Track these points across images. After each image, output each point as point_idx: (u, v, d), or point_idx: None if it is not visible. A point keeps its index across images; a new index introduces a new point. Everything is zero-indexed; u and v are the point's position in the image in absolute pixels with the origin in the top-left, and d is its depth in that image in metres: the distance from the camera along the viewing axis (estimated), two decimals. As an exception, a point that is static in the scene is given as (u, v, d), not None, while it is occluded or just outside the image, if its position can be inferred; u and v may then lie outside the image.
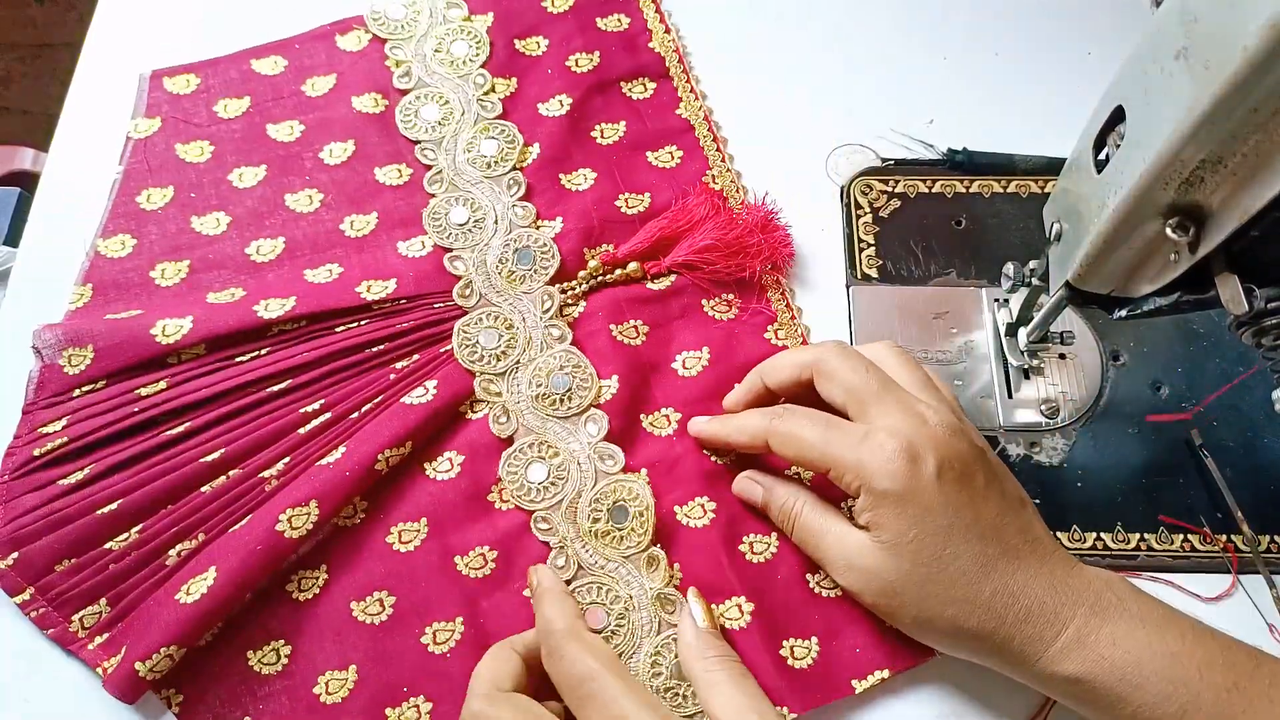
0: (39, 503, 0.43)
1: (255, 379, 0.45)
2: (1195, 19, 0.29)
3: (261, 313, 0.46)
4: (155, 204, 0.50)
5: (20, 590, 0.41)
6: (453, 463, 0.45)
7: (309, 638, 0.42)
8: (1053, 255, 0.41)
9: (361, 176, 0.52)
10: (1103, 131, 0.36)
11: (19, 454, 0.44)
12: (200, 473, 0.43)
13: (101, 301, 0.48)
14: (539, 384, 0.46)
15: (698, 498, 0.44)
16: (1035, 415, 0.47)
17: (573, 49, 0.56)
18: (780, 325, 0.49)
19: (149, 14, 0.57)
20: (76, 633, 0.41)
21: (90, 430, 0.44)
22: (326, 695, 0.40)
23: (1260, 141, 0.29)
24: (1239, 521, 0.44)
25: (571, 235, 0.50)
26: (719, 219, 0.50)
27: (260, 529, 0.41)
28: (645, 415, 0.46)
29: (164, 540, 0.42)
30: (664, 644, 0.41)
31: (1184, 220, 0.32)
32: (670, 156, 0.54)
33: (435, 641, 0.41)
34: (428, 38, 0.56)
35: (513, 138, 0.53)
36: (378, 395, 0.45)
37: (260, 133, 0.53)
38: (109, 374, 0.45)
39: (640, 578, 0.42)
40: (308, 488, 0.42)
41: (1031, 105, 0.55)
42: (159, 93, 0.53)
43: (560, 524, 0.44)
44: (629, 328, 0.48)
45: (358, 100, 0.54)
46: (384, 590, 0.42)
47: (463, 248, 0.49)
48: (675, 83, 0.56)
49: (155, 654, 0.38)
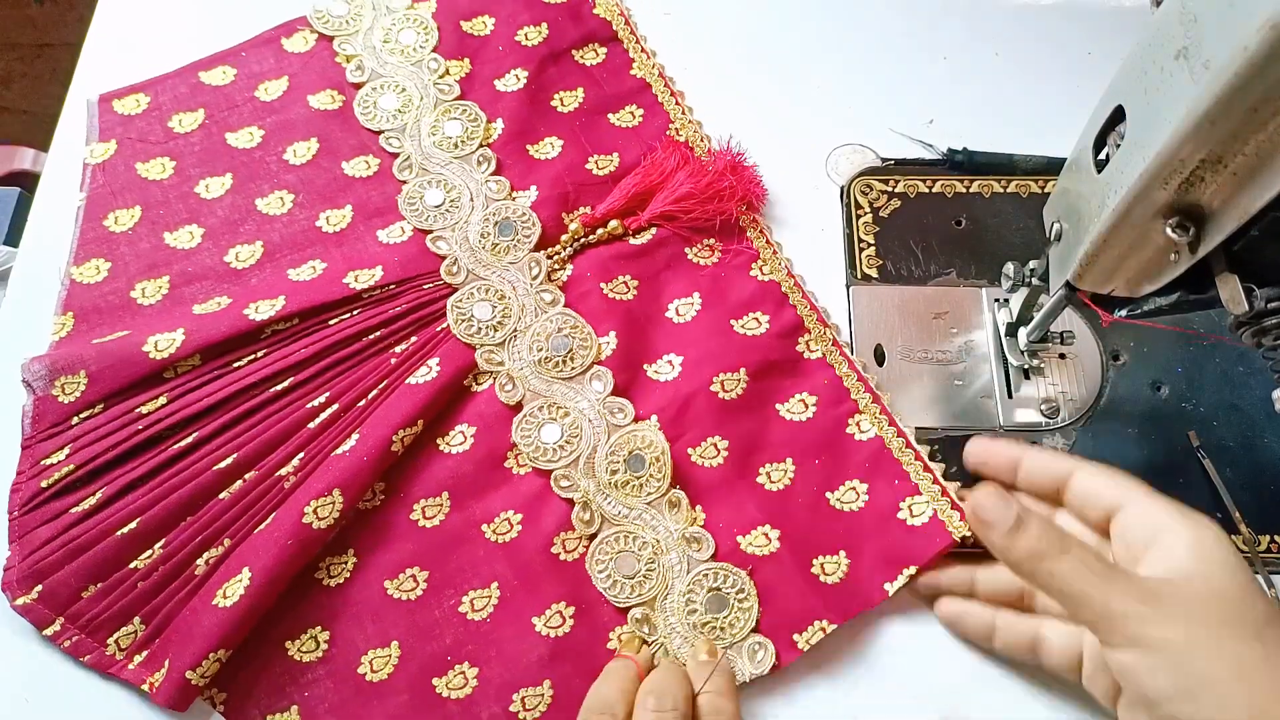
0: (54, 533, 0.42)
1: (256, 381, 0.45)
2: (1195, 19, 0.29)
3: (252, 315, 0.46)
4: (124, 225, 0.50)
5: (49, 622, 0.41)
6: (465, 435, 0.45)
7: (346, 621, 0.42)
8: (1053, 255, 0.41)
9: (330, 173, 0.52)
10: (1103, 131, 0.36)
11: (26, 488, 0.43)
12: (215, 480, 0.43)
13: (85, 328, 0.47)
14: (539, 348, 0.47)
15: (710, 437, 0.45)
16: (1035, 415, 0.47)
17: (520, 24, 0.56)
18: (764, 261, 0.50)
19: (149, 14, 0.57)
20: (114, 655, 0.41)
21: (96, 455, 0.43)
22: (371, 674, 0.41)
23: (1260, 141, 0.28)
24: (1238, 521, 0.44)
25: (548, 202, 0.51)
26: (689, 168, 0.51)
27: (288, 524, 0.41)
28: (648, 365, 0.47)
29: (190, 551, 0.42)
30: (695, 582, 0.42)
31: (1184, 220, 0.32)
32: (632, 116, 0.54)
33: (474, 609, 0.42)
34: (374, 30, 0.56)
35: (475, 116, 0.53)
36: (382, 380, 0.46)
37: (220, 142, 0.52)
38: (106, 396, 0.44)
39: (664, 520, 0.43)
40: (328, 478, 0.42)
41: (1031, 105, 0.55)
42: (109, 116, 0.53)
43: (580, 479, 0.44)
44: (619, 284, 0.49)
45: (314, 99, 0.53)
46: (415, 566, 0.43)
47: (443, 228, 0.50)
48: (625, 44, 0.56)
49: (204, 660, 0.38)
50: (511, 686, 0.41)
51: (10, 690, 0.41)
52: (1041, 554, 0.35)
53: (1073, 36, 0.58)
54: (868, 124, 0.55)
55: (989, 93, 0.56)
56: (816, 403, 0.46)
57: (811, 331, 0.48)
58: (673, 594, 0.42)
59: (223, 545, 0.42)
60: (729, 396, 0.46)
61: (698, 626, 0.41)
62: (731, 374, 0.46)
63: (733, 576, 0.42)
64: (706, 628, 0.41)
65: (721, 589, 0.42)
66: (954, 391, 0.48)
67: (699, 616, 0.41)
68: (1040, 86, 0.56)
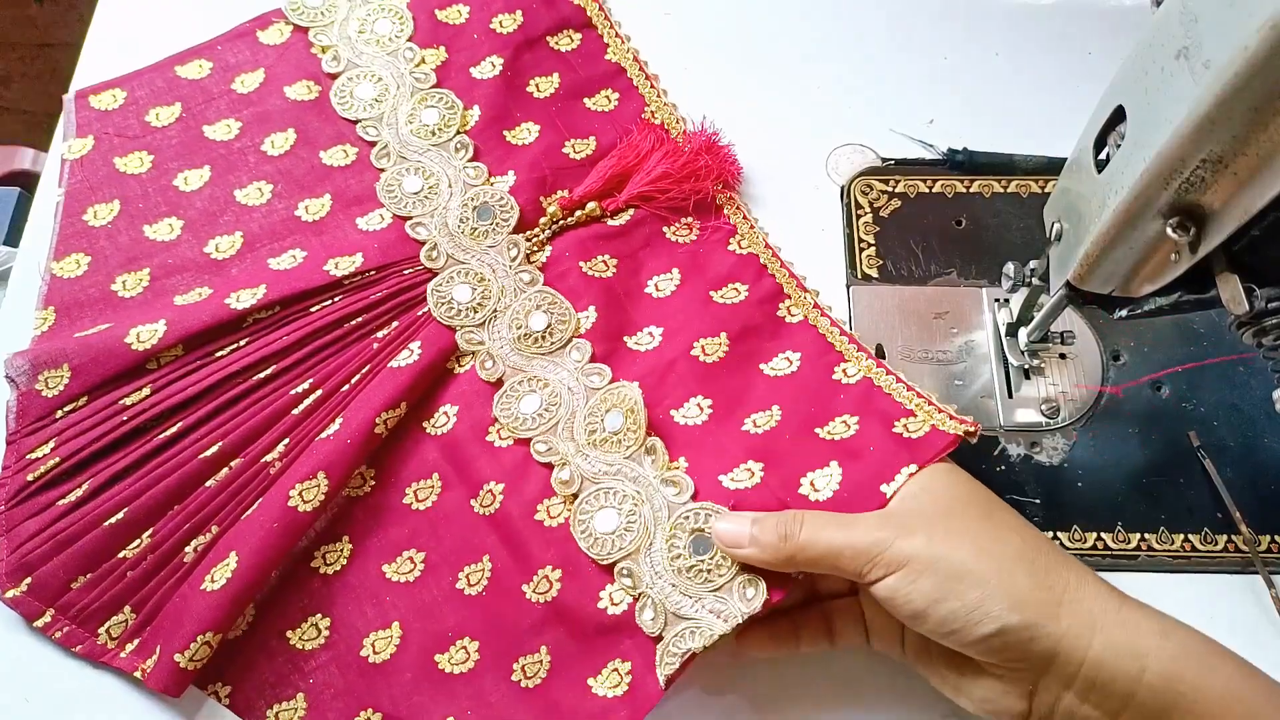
0: (42, 526, 0.42)
1: (239, 370, 0.45)
2: (1195, 19, 0.29)
3: (234, 305, 0.46)
4: (103, 219, 0.50)
5: (40, 614, 0.41)
6: (449, 415, 0.46)
7: (345, 607, 0.42)
8: (1053, 255, 0.41)
9: (307, 163, 0.52)
10: (1103, 131, 0.36)
11: (11, 483, 0.43)
12: (201, 468, 0.43)
13: (67, 322, 0.47)
14: (518, 326, 0.47)
15: (692, 398, 0.45)
16: (1036, 415, 0.47)
17: (494, 11, 0.56)
18: (741, 236, 0.50)
19: (148, 14, 0.57)
20: (106, 644, 0.41)
21: (81, 447, 0.43)
22: (374, 655, 0.41)
23: (1261, 141, 0.28)
24: (1238, 521, 0.44)
25: (525, 186, 0.51)
26: (665, 149, 0.52)
27: (274, 508, 0.41)
28: (628, 337, 0.48)
29: (178, 539, 0.42)
30: (676, 526, 0.40)
31: (1184, 220, 0.32)
32: (607, 100, 0.55)
33: (469, 584, 0.42)
34: (349, 20, 0.56)
35: (451, 104, 0.53)
36: (364, 365, 0.46)
37: (197, 135, 0.52)
38: (89, 389, 0.45)
39: (643, 470, 0.42)
40: (313, 461, 0.42)
41: (1031, 105, 0.55)
42: (86, 112, 0.53)
43: (559, 443, 0.44)
44: (598, 262, 0.49)
45: (290, 90, 0.54)
46: (412, 549, 0.43)
47: (422, 214, 0.50)
48: (599, 29, 0.57)
49: (193, 643, 0.39)
50: (510, 655, 0.41)
51: (4, 683, 0.41)
52: (784, 535, 0.37)
53: (1073, 36, 0.58)
54: (868, 124, 0.55)
55: (989, 93, 0.56)
56: (801, 358, 0.46)
57: (792, 297, 0.48)
58: (656, 543, 0.40)
59: (210, 532, 0.42)
60: (710, 360, 0.46)
61: (683, 571, 0.39)
62: (712, 339, 0.47)
63: (714, 515, 0.40)
64: (693, 571, 0.39)
65: (704, 529, 0.40)
66: (954, 391, 0.48)
67: (684, 560, 0.39)
68: (1040, 86, 0.56)
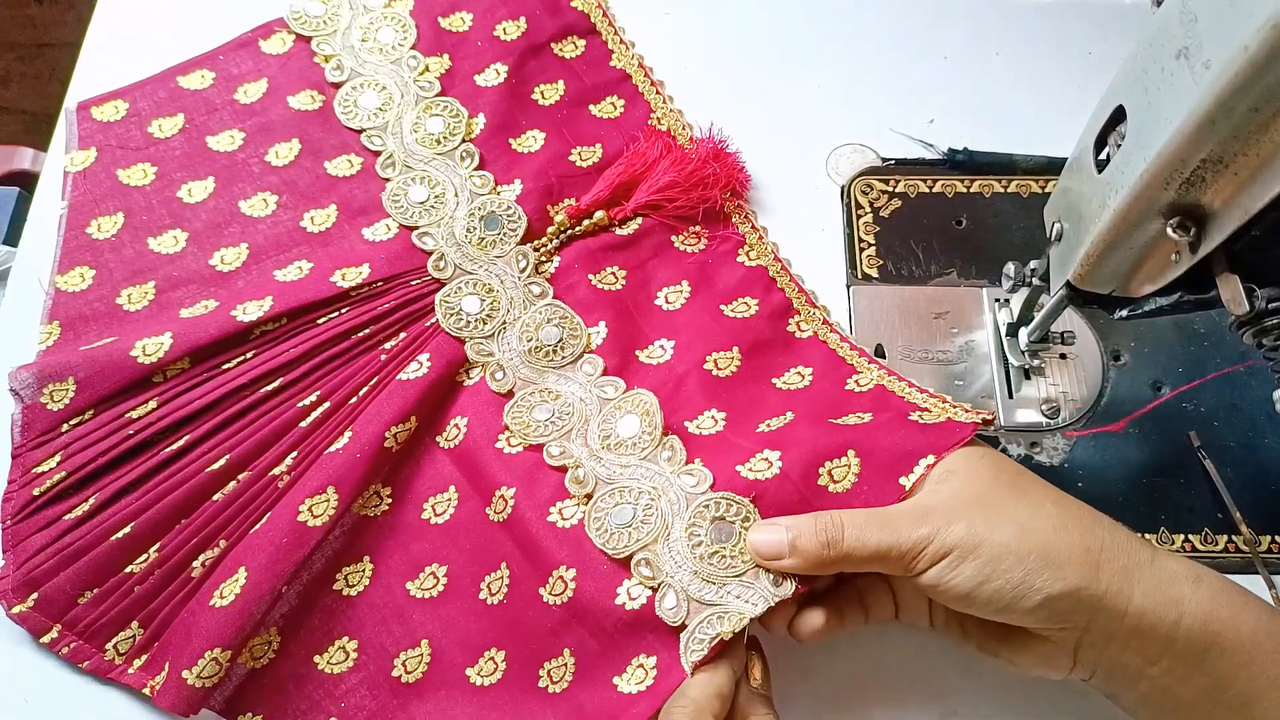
0: (48, 541, 0.42)
1: (246, 383, 0.45)
2: (1196, 19, 0.29)
3: (240, 317, 0.46)
4: (107, 232, 0.49)
5: (47, 629, 0.41)
6: (460, 428, 0.45)
7: (372, 627, 0.42)
8: (1053, 255, 0.41)
9: (312, 173, 0.52)
10: (1103, 131, 0.36)
11: (17, 497, 0.43)
12: (208, 482, 0.43)
13: (71, 336, 0.47)
14: (529, 339, 0.47)
15: (707, 410, 0.45)
16: (1036, 415, 0.47)
17: (498, 18, 0.56)
18: (750, 246, 0.50)
19: (148, 14, 0.57)
20: (113, 660, 0.41)
21: (87, 461, 0.43)
22: (406, 675, 0.41)
23: (1261, 141, 0.28)
24: (1239, 521, 0.44)
25: (532, 195, 0.51)
26: (672, 156, 0.51)
27: (283, 523, 0.41)
28: (640, 351, 0.47)
29: (186, 553, 0.42)
30: (696, 514, 0.40)
31: (1185, 220, 0.32)
32: (613, 107, 0.55)
33: (491, 593, 0.42)
34: (352, 29, 0.56)
35: (456, 112, 0.53)
36: (373, 377, 0.46)
37: (201, 146, 0.52)
38: (95, 403, 0.44)
39: (659, 468, 0.42)
40: (322, 475, 0.42)
41: (1031, 105, 0.55)
42: (89, 123, 0.52)
43: (572, 448, 0.44)
44: (607, 274, 0.49)
45: (294, 100, 0.53)
46: (433, 563, 0.43)
47: (428, 224, 0.50)
48: (604, 36, 0.57)
49: (201, 659, 0.38)
50: (535, 662, 0.40)
51: (11, 700, 0.41)
52: (826, 543, 0.37)
53: (1073, 36, 0.58)
54: (868, 124, 0.55)
55: (989, 93, 0.56)
56: (813, 373, 0.46)
57: (801, 313, 0.48)
58: (674, 531, 0.40)
59: (218, 547, 0.42)
60: (723, 374, 0.46)
61: (706, 558, 0.38)
62: (724, 353, 0.46)
63: (735, 504, 0.39)
64: (716, 557, 0.38)
65: (726, 517, 0.39)
66: (955, 391, 0.48)
67: (705, 548, 0.39)
68: (1040, 86, 0.56)
